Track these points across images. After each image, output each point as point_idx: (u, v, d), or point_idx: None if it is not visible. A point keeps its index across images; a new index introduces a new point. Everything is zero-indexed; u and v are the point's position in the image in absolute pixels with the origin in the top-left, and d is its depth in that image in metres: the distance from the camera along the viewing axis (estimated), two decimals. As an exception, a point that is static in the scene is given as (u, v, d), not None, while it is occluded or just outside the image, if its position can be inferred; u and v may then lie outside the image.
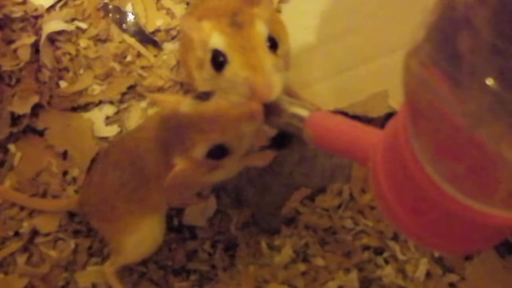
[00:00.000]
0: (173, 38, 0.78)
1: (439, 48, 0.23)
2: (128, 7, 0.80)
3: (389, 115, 0.62)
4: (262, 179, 0.62)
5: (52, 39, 0.77)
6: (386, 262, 0.62)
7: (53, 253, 0.65)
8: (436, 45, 0.23)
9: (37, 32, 0.77)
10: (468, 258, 0.61)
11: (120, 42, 0.78)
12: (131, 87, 0.75)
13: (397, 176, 0.33)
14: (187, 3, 0.80)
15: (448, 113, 0.23)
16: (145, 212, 0.55)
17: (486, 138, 0.23)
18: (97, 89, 0.75)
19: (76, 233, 0.66)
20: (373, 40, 0.64)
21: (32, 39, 0.75)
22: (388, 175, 0.34)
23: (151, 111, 0.72)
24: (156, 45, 0.78)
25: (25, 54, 0.74)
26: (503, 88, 0.21)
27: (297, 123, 0.44)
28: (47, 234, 0.66)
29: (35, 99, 0.72)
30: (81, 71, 0.77)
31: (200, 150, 0.46)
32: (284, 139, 0.63)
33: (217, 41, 0.49)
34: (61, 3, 0.80)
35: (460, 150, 0.25)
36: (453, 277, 0.60)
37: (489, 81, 0.21)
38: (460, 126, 0.23)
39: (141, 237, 0.56)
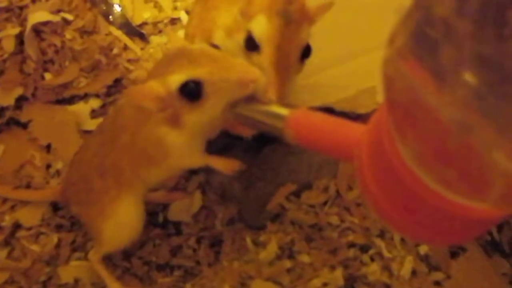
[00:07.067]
0: (160, 31, 0.78)
1: (415, 36, 0.23)
2: (115, -1, 0.80)
3: (377, 112, 0.62)
4: (248, 174, 0.61)
5: (37, 30, 0.76)
6: (372, 259, 0.61)
7: (35, 248, 0.64)
8: (412, 34, 0.23)
9: (22, 23, 0.76)
10: (453, 256, 0.61)
11: (107, 35, 0.77)
12: (117, 80, 0.74)
13: (383, 171, 0.32)
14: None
15: (424, 103, 0.23)
16: (121, 193, 0.55)
17: (458, 127, 0.22)
18: (82, 81, 0.74)
19: (59, 227, 0.65)
20: (361, 35, 0.63)
21: (16, 30, 0.74)
22: (374, 171, 0.33)
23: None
24: (143, 38, 0.77)
25: (9, 45, 0.73)
26: (482, 79, 0.20)
27: (277, 123, 0.41)
28: (29, 228, 0.65)
29: (19, 91, 0.71)
30: (67, 63, 0.75)
31: (178, 77, 0.45)
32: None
33: (259, 29, 0.46)
34: (47, -6, 0.79)
35: (436, 142, 0.24)
36: (438, 275, 0.60)
37: (468, 73, 0.20)
38: (438, 117, 0.23)
39: (118, 222, 0.56)
